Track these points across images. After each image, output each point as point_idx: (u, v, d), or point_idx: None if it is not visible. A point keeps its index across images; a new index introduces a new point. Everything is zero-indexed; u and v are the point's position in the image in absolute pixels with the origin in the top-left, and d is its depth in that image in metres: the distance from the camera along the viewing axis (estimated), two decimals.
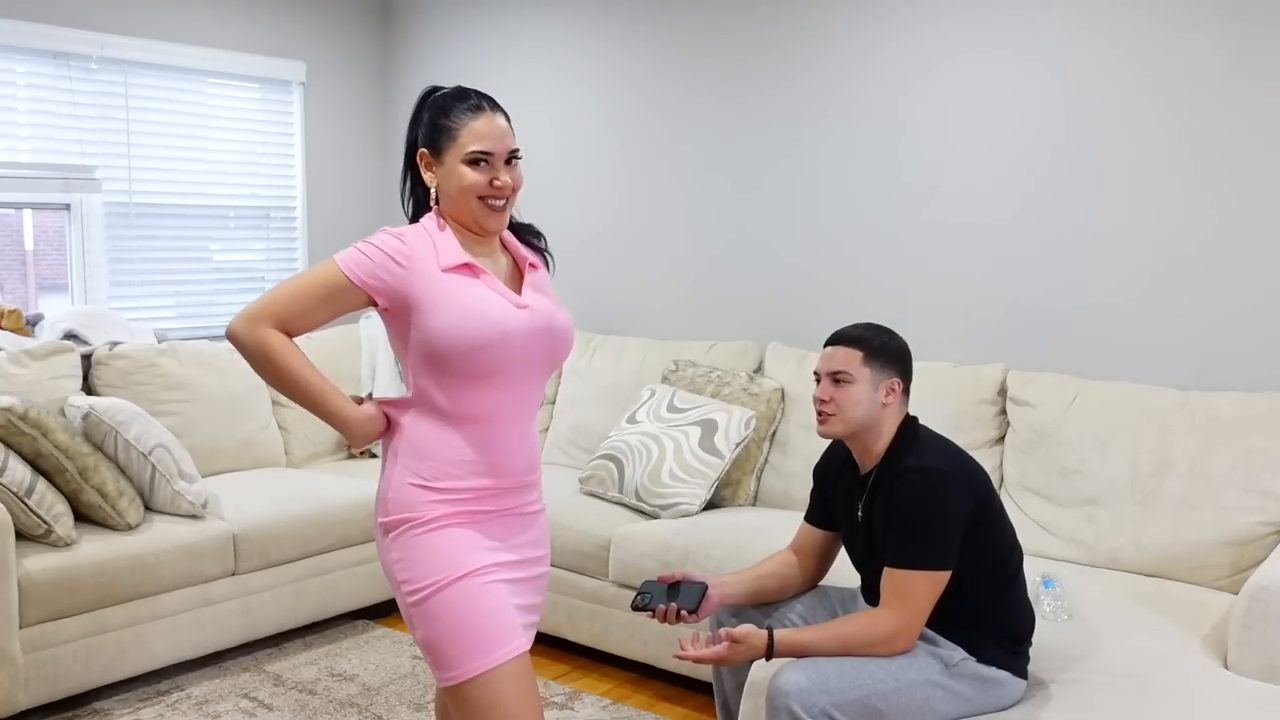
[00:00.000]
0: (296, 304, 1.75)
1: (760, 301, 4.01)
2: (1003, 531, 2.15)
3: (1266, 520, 2.75)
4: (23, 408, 3.01)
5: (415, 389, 1.80)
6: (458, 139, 1.81)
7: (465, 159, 1.80)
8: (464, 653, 1.72)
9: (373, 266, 1.76)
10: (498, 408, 1.80)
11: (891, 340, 2.20)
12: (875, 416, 2.16)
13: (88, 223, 4.17)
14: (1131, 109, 3.20)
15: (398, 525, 1.78)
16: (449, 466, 1.78)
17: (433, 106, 1.85)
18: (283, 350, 1.75)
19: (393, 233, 1.81)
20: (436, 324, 1.74)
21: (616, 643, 3.30)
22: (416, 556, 1.75)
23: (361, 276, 1.76)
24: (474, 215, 1.82)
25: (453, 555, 1.75)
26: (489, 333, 1.75)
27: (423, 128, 1.85)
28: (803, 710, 1.94)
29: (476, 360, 1.75)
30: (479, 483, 1.80)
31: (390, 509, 1.79)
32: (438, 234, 1.81)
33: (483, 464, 1.80)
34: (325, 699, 3.17)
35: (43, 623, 2.95)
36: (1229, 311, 3.09)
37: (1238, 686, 2.18)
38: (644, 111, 4.27)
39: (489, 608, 1.75)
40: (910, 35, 3.59)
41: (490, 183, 1.80)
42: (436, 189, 1.85)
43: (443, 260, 1.78)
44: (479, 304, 1.76)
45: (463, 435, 1.78)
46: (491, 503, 1.82)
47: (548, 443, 4.22)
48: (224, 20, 4.51)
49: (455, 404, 1.77)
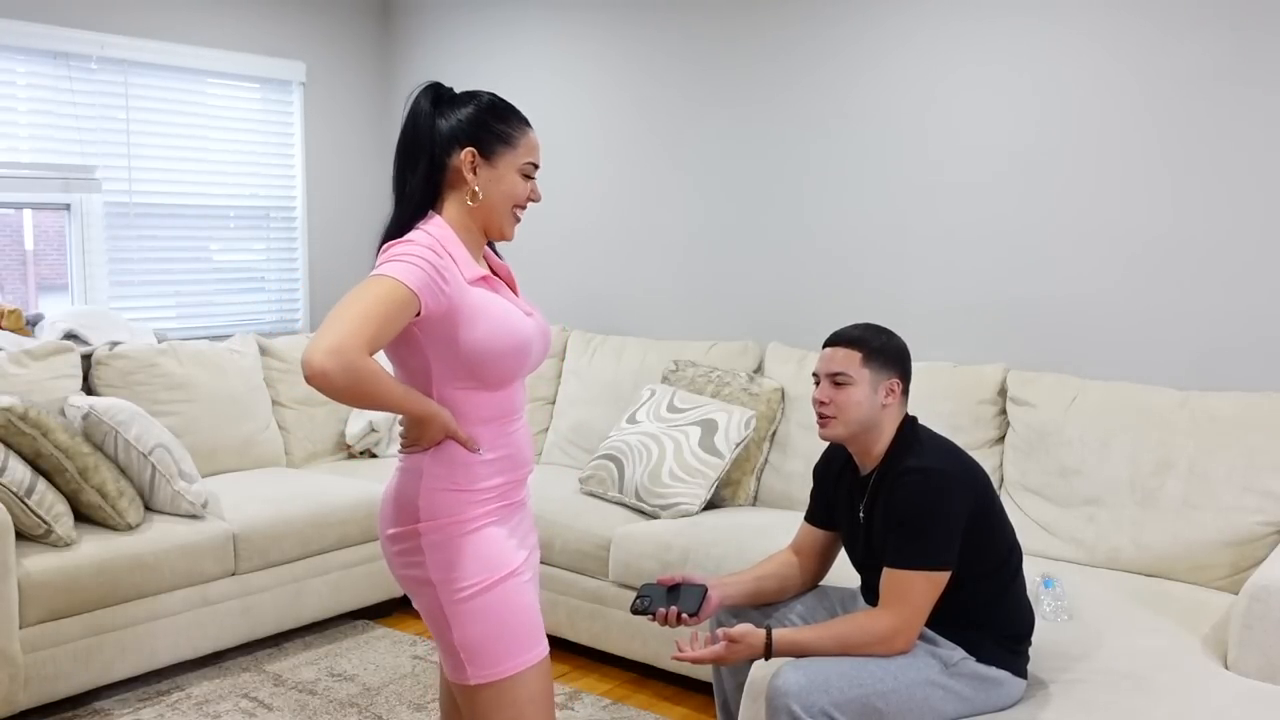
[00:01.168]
0: (374, 326, 1.61)
1: (760, 301, 4.01)
2: (1003, 532, 2.15)
3: (1266, 520, 2.75)
4: (23, 408, 3.01)
5: (439, 398, 1.78)
6: (517, 148, 1.82)
7: (521, 168, 1.82)
8: (507, 650, 1.76)
9: (429, 281, 1.68)
10: (513, 406, 1.85)
11: (890, 341, 2.20)
12: (875, 417, 2.16)
13: (88, 223, 4.17)
14: (1131, 109, 3.20)
15: (433, 530, 1.78)
16: (480, 467, 1.80)
17: (489, 109, 1.82)
18: (377, 374, 1.63)
19: (429, 244, 1.72)
20: (478, 337, 1.73)
21: (616, 643, 3.30)
22: (460, 558, 1.77)
23: (424, 293, 1.67)
24: (502, 223, 1.84)
25: (499, 554, 1.79)
26: (518, 342, 1.78)
27: (473, 127, 1.80)
28: (802, 710, 1.94)
29: (510, 368, 1.79)
30: (504, 478, 1.84)
31: (423, 515, 1.78)
32: (453, 245, 1.78)
33: (507, 460, 1.84)
34: (325, 699, 3.17)
35: (43, 623, 2.95)
36: (1229, 311, 3.09)
37: (1238, 686, 2.18)
38: (643, 111, 4.27)
39: (527, 605, 1.80)
40: (910, 37, 3.59)
41: (529, 196, 1.85)
42: (475, 192, 1.80)
43: (466, 272, 1.76)
44: (508, 315, 1.77)
45: (489, 436, 1.81)
46: (513, 494, 1.87)
47: (548, 443, 4.22)
48: (224, 20, 4.51)
49: (482, 408, 1.80)
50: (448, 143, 1.80)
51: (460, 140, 1.80)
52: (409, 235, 1.74)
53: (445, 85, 1.86)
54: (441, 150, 1.80)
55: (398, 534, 1.80)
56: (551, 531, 3.42)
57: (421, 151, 1.80)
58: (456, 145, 1.80)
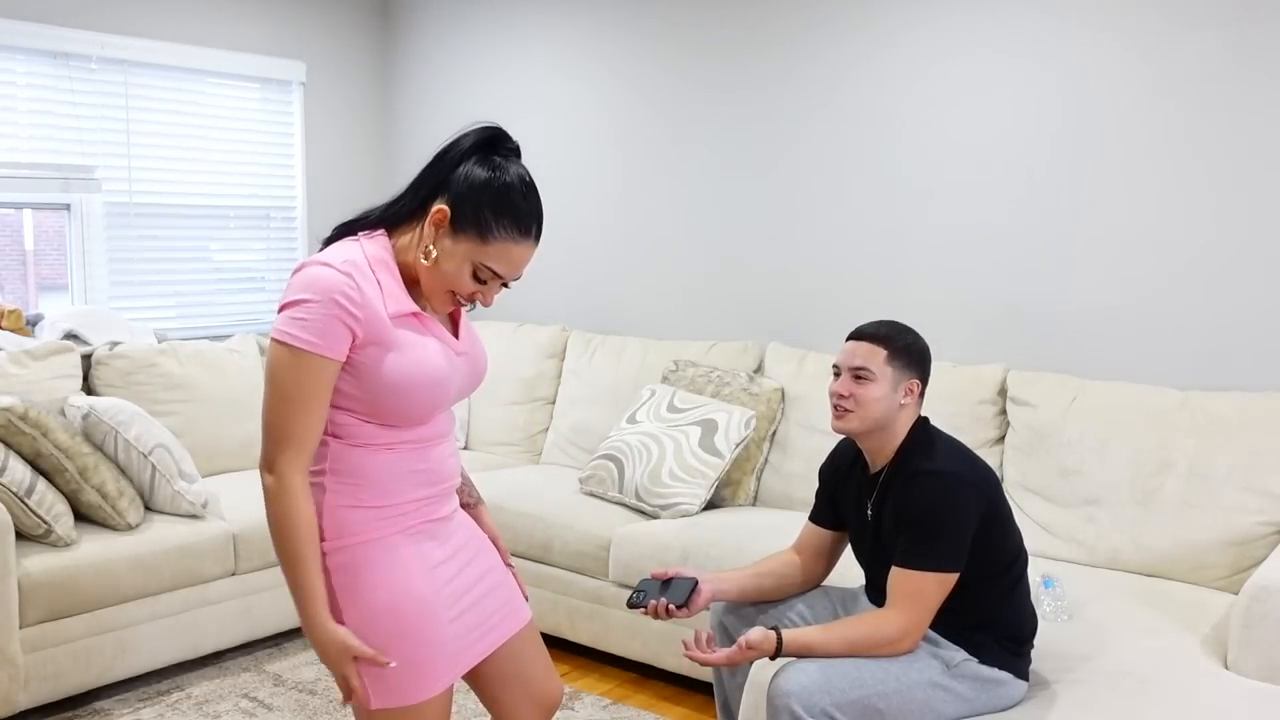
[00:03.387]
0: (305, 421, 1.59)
1: (760, 301, 4.01)
2: (1011, 535, 2.15)
3: (1266, 520, 2.75)
4: (23, 408, 3.01)
5: (338, 427, 1.67)
6: (486, 249, 1.65)
7: (475, 266, 1.66)
8: (412, 682, 1.68)
9: (338, 330, 1.59)
10: (433, 433, 1.75)
11: (915, 341, 2.19)
12: (892, 416, 2.16)
13: (88, 223, 4.17)
14: (1132, 109, 3.20)
15: (337, 551, 1.68)
16: (391, 482, 1.70)
17: (497, 190, 1.65)
18: (310, 529, 1.60)
19: (333, 273, 1.60)
20: (386, 378, 1.63)
21: (616, 643, 3.30)
22: (366, 580, 1.66)
23: (340, 349, 1.60)
24: (432, 295, 1.70)
25: (410, 579, 1.69)
26: (432, 384, 1.67)
27: (467, 190, 1.65)
28: (803, 710, 1.94)
29: (419, 409, 1.68)
30: (424, 492, 1.74)
31: (328, 534, 1.67)
32: (384, 274, 1.66)
33: (424, 474, 1.74)
34: (325, 699, 3.17)
35: (43, 623, 2.95)
36: (1229, 312, 3.09)
37: (1238, 686, 2.18)
38: (644, 111, 4.27)
39: (439, 639, 1.71)
40: (910, 36, 3.59)
41: (473, 295, 1.70)
42: (429, 250, 1.67)
43: (390, 307, 1.64)
44: (428, 359, 1.67)
45: (403, 454, 1.72)
46: (437, 509, 1.77)
47: (548, 443, 4.22)
48: (224, 20, 4.51)
49: (391, 438, 1.70)
50: (443, 185, 1.68)
51: (450, 193, 1.66)
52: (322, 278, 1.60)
53: (509, 137, 1.72)
54: (436, 188, 1.69)
55: None
56: (551, 531, 3.42)
57: (428, 176, 1.70)
58: (445, 194, 1.67)
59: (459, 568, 1.80)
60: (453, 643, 1.75)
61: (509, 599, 1.92)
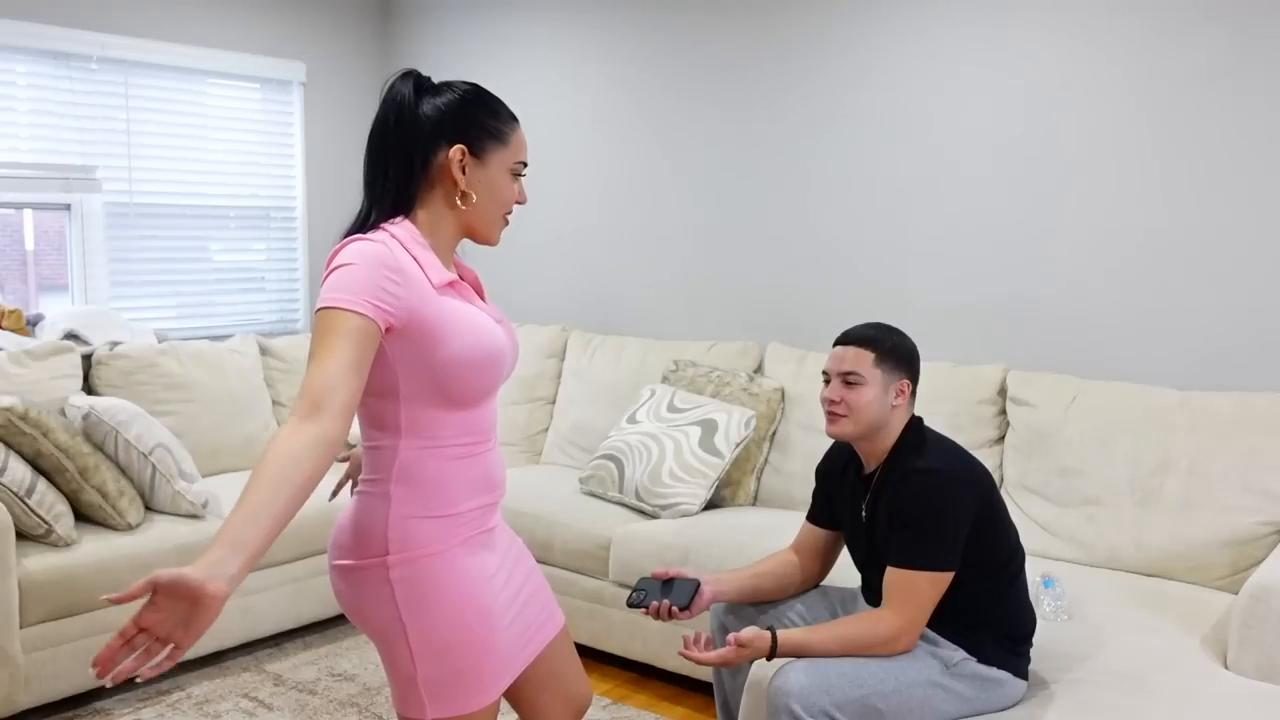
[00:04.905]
0: (322, 371, 1.47)
1: (760, 301, 4.01)
2: (1006, 534, 2.15)
3: (1266, 520, 2.76)
4: (23, 408, 3.01)
5: (409, 421, 1.62)
6: (508, 145, 1.67)
7: (512, 168, 1.68)
8: (472, 688, 1.66)
9: (372, 290, 1.52)
10: (484, 428, 1.72)
11: (902, 341, 2.20)
12: (885, 418, 2.16)
13: (88, 223, 4.17)
14: (1132, 110, 3.20)
15: (403, 563, 1.63)
16: (455, 489, 1.67)
17: (478, 102, 1.66)
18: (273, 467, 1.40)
19: (370, 248, 1.55)
20: (452, 351, 1.59)
21: (616, 643, 3.30)
22: (435, 593, 1.63)
23: (382, 310, 1.52)
24: (490, 227, 1.70)
25: (477, 590, 1.66)
26: (493, 354, 1.63)
27: (463, 121, 1.64)
28: (803, 710, 1.94)
29: (484, 383, 1.65)
30: (479, 501, 1.71)
31: (393, 547, 1.62)
32: (418, 248, 1.61)
33: (482, 481, 1.71)
34: (325, 699, 3.17)
35: (43, 623, 2.95)
36: (1229, 311, 3.09)
37: (1238, 686, 2.18)
38: (644, 111, 4.27)
39: (499, 647, 1.69)
40: (911, 36, 3.59)
41: (520, 197, 1.72)
42: (467, 193, 1.65)
43: (433, 277, 1.60)
44: (480, 326, 1.63)
45: (466, 457, 1.69)
46: (488, 520, 1.75)
47: (548, 443, 4.22)
48: (224, 20, 4.51)
49: (453, 430, 1.66)
50: (433, 137, 1.63)
51: (448, 135, 1.63)
52: (355, 246, 1.56)
53: (424, 74, 1.68)
54: (426, 145, 1.63)
55: (355, 567, 1.63)
56: (551, 531, 3.42)
57: (402, 146, 1.63)
58: (444, 141, 1.63)
59: (507, 575, 1.79)
60: (508, 649, 1.74)
61: (546, 603, 1.90)
